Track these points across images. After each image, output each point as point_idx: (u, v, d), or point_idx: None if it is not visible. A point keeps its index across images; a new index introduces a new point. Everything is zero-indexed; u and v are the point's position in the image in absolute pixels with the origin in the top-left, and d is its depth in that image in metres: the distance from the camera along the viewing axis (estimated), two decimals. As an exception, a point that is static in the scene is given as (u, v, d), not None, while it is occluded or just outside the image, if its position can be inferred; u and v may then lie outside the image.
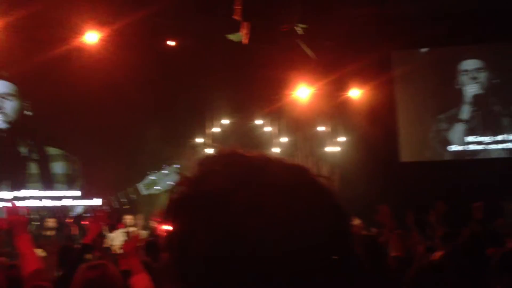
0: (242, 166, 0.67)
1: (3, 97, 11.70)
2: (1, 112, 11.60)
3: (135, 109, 11.17)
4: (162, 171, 11.66)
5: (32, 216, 9.88)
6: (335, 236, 0.64)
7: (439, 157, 12.79)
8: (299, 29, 8.19)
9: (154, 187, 11.64)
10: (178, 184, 0.69)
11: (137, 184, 11.59)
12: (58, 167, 12.07)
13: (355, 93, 12.42)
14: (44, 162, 12.02)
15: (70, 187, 11.91)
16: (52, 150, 12.09)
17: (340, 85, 12.07)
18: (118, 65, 10.63)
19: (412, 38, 11.27)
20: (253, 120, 13.27)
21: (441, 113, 12.86)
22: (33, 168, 11.91)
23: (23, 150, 11.86)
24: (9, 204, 2.14)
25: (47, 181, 11.78)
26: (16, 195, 11.15)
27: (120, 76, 10.55)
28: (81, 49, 10.72)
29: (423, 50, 12.88)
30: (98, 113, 11.14)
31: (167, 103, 11.67)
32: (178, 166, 11.42)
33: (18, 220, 2.01)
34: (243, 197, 0.62)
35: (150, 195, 11.56)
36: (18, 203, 10.80)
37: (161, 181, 11.66)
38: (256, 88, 11.46)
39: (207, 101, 12.18)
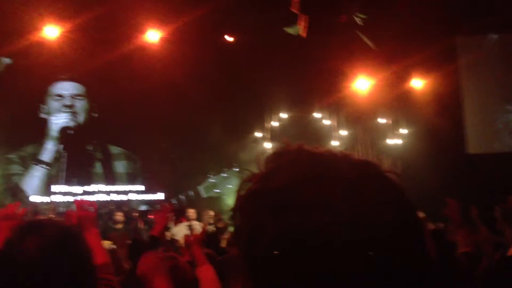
0: (308, 162, 0.67)
1: (74, 98, 12.31)
2: (72, 112, 12.21)
3: (195, 106, 11.38)
4: (222, 174, 11.90)
5: (101, 210, 10.35)
6: (404, 230, 0.63)
7: (508, 149, 12.14)
8: (358, 19, 8.02)
9: (214, 190, 11.91)
10: (246, 180, 0.69)
11: (198, 187, 11.90)
12: (121, 166, 12.55)
13: (418, 83, 12.02)
14: (107, 160, 12.54)
15: (132, 185, 12.35)
16: (114, 149, 12.59)
17: (402, 75, 11.72)
18: (178, 62, 10.87)
19: (479, 24, 10.73)
20: (312, 114, 13.17)
21: (510, 103, 12.20)
22: (98, 166, 12.46)
23: (90, 148, 12.44)
24: (78, 199, 2.22)
25: (110, 180, 12.26)
26: (85, 190, 11.73)
27: (180, 73, 10.78)
28: (143, 48, 11.06)
29: (491, 36, 12.23)
30: (159, 112, 11.45)
31: (227, 99, 11.81)
32: (238, 169, 11.62)
33: (87, 215, 2.09)
34: (310, 192, 0.63)
35: (210, 197, 11.82)
36: (87, 197, 11.40)
37: (221, 184, 11.91)
38: (314, 81, 11.34)
39: (265, 95, 12.21)
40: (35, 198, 11.34)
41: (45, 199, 11.37)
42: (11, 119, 10.88)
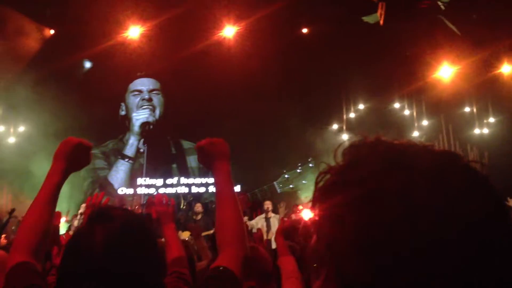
0: (389, 153, 0.65)
1: (151, 93, 12.87)
2: (151, 106, 12.76)
3: (271, 99, 11.39)
4: (297, 170, 11.91)
5: (180, 201, 10.73)
6: (489, 221, 0.61)
7: None
8: (441, 3, 7.61)
9: (289, 186, 11.96)
10: (323, 172, 0.69)
11: (274, 182, 12.01)
12: (193, 160, 12.94)
13: (508, 69, 11.23)
14: (180, 155, 13.00)
15: (211, 178, 12.68)
16: (186, 144, 13.02)
17: (489, 62, 10.99)
18: (254, 56, 10.96)
19: None
20: (391, 104, 12.75)
21: None
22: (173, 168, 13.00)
23: (166, 143, 12.95)
24: (159, 193, 2.31)
25: (184, 174, 12.69)
26: (166, 182, 12.23)
27: (256, 67, 10.87)
28: (219, 44, 11.27)
29: None
30: (234, 105, 11.60)
31: (303, 91, 11.74)
32: (312, 165, 11.55)
33: (165, 211, 2.16)
34: (390, 183, 0.61)
35: (285, 192, 11.87)
36: (168, 190, 11.92)
37: (295, 180, 11.93)
38: (394, 70, 10.95)
39: (343, 86, 11.99)
40: (121, 191, 11.99)
41: (130, 191, 11.99)
42: (93, 116, 11.54)
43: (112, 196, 10.69)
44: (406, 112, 12.79)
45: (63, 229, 4.04)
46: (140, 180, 12.12)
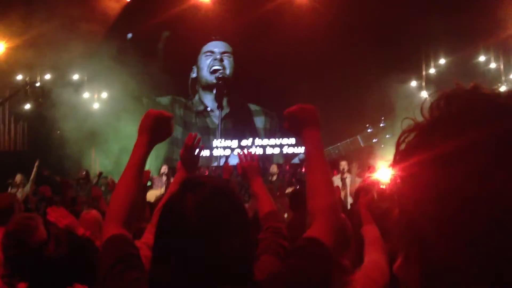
0: (486, 108, 0.55)
1: (224, 55, 13.01)
2: (222, 68, 12.93)
3: (348, 56, 11.01)
4: (380, 125, 11.62)
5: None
6: None
7: None
8: None
9: (373, 140, 11.73)
10: (406, 131, 0.60)
11: (357, 136, 11.83)
12: (259, 122, 13.19)
13: None
14: (248, 117, 13.20)
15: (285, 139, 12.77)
16: (252, 106, 13.27)
17: None
18: (326, 13, 10.62)
19: None
20: (475, 57, 11.93)
21: None
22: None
23: (237, 105, 13.10)
24: (239, 152, 2.32)
25: (253, 136, 12.86)
26: (241, 144, 12.46)
27: (328, 24, 10.54)
28: (290, 3, 11.01)
29: None
30: (309, 65, 11.38)
31: (380, 47, 11.24)
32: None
33: (251, 165, 2.18)
34: (501, 131, 0.52)
35: (367, 147, 11.65)
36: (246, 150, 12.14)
37: (379, 134, 11.65)
38: (478, 19, 10.13)
39: (422, 39, 11.33)
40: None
41: (206, 152, 12.34)
42: (173, 80, 11.83)
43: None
44: (492, 65, 11.91)
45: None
46: (215, 142, 12.45)
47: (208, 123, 13.06)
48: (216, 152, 12.46)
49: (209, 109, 13.04)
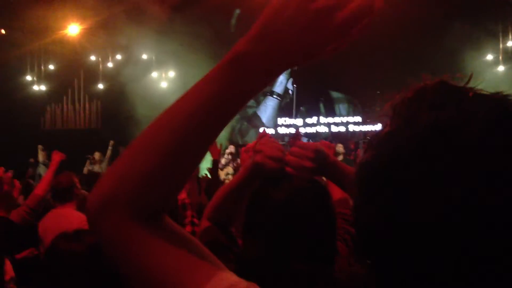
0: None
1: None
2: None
3: (419, 32, 10.52)
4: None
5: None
6: None
7: None
8: None
9: None
10: None
11: None
12: (342, 109, 13.10)
13: None
14: (329, 104, 13.11)
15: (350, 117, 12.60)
16: (334, 94, 13.13)
17: None
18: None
19: None
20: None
21: None
22: (321, 107, 13.20)
23: (314, 87, 12.98)
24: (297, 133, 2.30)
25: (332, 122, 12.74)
26: (306, 122, 12.40)
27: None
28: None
29: None
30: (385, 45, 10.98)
31: (451, 20, 10.66)
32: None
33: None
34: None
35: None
36: (306, 130, 12.11)
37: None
38: None
39: (499, 9, 10.59)
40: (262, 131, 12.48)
41: (271, 131, 12.40)
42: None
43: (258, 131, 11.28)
44: None
45: (208, 164, 4.24)
46: (281, 120, 12.49)
47: (281, 99, 13.15)
48: (280, 130, 12.50)
49: (285, 88, 13.08)
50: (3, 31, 11.98)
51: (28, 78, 12.88)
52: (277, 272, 1.18)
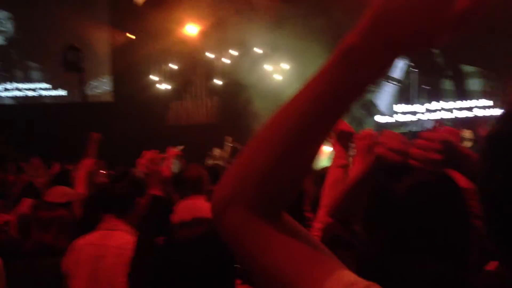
0: None
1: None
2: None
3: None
4: None
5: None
6: None
7: None
8: None
9: None
10: None
11: None
12: (475, 84, 11.98)
13: None
14: (458, 79, 12.16)
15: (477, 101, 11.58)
16: (467, 68, 12.06)
17: None
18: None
19: None
20: None
21: None
22: (448, 84, 12.25)
23: (438, 68, 12.20)
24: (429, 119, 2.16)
25: (462, 98, 11.87)
26: (427, 108, 11.71)
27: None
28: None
29: None
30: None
31: None
32: None
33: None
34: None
35: None
36: (430, 116, 11.43)
37: None
38: None
39: None
40: (379, 119, 12.08)
41: (389, 119, 11.96)
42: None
43: (372, 121, 10.97)
44: None
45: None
46: (398, 107, 12.02)
47: (400, 84, 12.63)
48: (397, 118, 11.96)
49: (404, 73, 12.52)
50: (133, 37, 13.04)
51: (154, 77, 13.81)
52: (401, 272, 1.11)
